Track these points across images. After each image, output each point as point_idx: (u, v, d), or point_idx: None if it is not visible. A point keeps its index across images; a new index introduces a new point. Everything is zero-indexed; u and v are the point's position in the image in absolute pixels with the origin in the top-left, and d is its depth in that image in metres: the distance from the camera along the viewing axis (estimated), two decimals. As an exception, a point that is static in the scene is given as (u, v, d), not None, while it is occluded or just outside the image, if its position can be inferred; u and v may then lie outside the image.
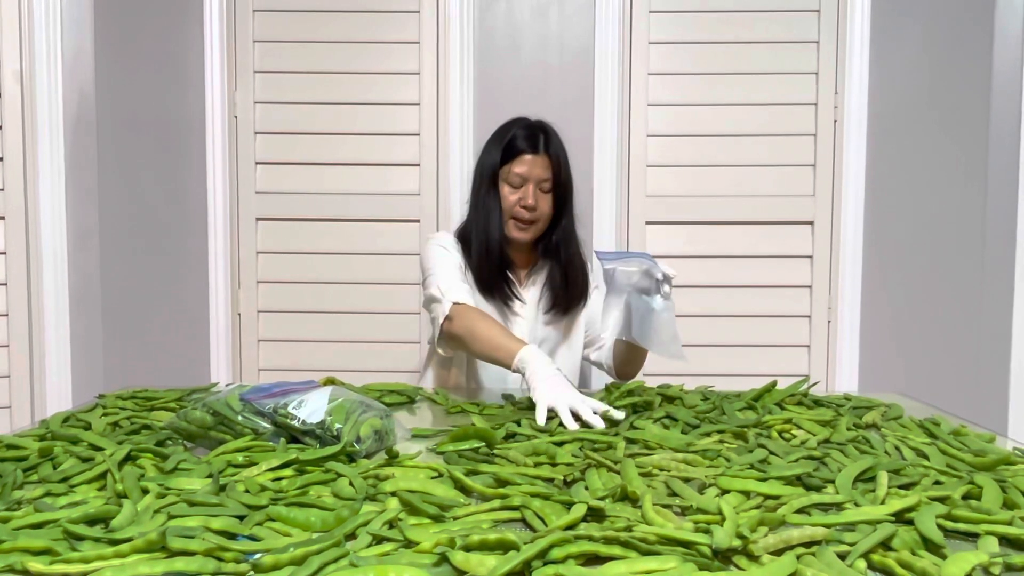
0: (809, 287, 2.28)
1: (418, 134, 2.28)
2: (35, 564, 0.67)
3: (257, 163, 2.29)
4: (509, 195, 1.58)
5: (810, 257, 2.28)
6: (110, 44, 2.22)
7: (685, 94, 2.27)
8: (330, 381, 1.42)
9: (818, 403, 1.37)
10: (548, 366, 1.30)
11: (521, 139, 1.58)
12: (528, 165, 1.57)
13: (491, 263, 1.59)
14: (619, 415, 1.22)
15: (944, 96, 2.23)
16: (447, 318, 1.49)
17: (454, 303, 1.49)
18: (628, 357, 1.62)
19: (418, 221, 2.27)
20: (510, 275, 1.63)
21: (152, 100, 2.25)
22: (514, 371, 1.36)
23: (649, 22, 2.26)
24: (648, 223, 2.27)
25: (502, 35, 2.28)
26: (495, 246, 1.58)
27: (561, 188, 1.60)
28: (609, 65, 2.24)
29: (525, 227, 1.58)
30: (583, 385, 1.80)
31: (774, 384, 1.40)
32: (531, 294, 1.66)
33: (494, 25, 2.27)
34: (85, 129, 2.18)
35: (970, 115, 2.22)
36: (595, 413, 1.20)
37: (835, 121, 2.25)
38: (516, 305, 1.63)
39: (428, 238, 1.68)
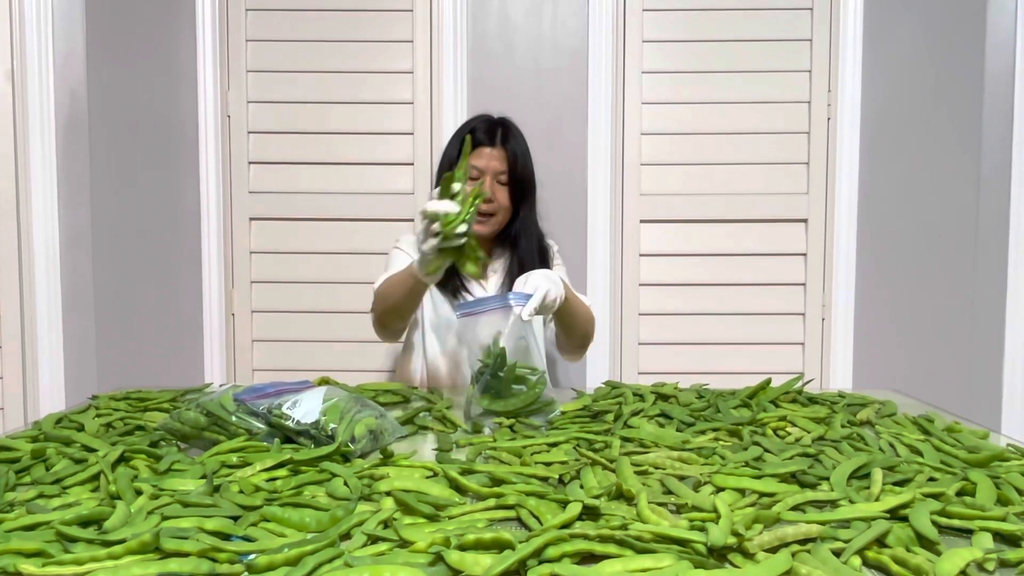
0: (803, 285, 2.28)
1: (412, 133, 2.27)
2: (28, 566, 0.67)
3: (250, 163, 2.29)
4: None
5: (804, 255, 2.28)
6: (102, 43, 2.21)
7: (679, 92, 2.27)
8: (324, 381, 1.42)
9: (812, 400, 1.37)
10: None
11: (479, 132, 1.60)
12: (486, 158, 1.59)
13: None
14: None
15: (937, 93, 2.24)
16: (372, 308, 1.58)
17: (375, 291, 1.57)
18: (560, 328, 1.60)
19: (413, 220, 2.27)
20: None
21: (144, 100, 2.24)
22: (422, 279, 1.40)
23: (643, 20, 2.25)
24: (642, 221, 2.27)
25: (496, 33, 2.27)
26: None
27: (518, 181, 1.61)
28: (603, 63, 2.24)
29: (483, 219, 1.59)
30: (551, 378, 1.80)
31: (768, 382, 1.40)
32: (492, 282, 1.67)
33: (488, 23, 2.27)
34: (77, 129, 2.17)
35: (963, 112, 2.23)
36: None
37: (828, 119, 2.25)
38: (469, 297, 1.63)
39: (396, 240, 1.73)
